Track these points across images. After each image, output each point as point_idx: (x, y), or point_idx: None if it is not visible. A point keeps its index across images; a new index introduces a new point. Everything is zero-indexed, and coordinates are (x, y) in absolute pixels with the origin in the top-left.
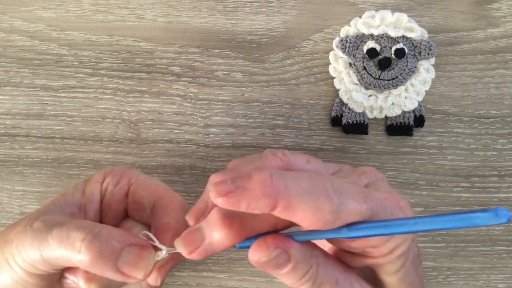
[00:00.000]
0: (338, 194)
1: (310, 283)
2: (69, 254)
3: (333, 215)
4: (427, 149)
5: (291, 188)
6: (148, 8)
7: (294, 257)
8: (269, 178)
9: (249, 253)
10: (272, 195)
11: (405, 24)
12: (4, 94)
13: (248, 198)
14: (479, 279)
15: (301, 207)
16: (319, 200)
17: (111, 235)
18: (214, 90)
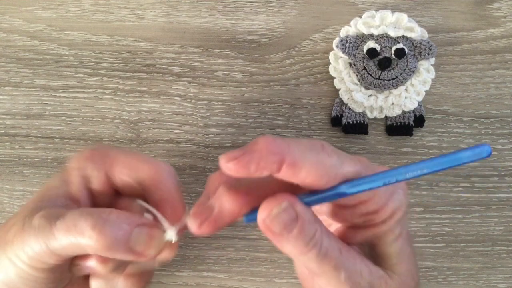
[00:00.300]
0: (335, 153)
1: (316, 249)
2: (79, 242)
3: (334, 169)
4: (427, 149)
5: (294, 147)
6: (148, 8)
7: (301, 216)
8: (273, 140)
9: (259, 212)
10: (278, 152)
11: (405, 24)
12: (4, 94)
13: (257, 158)
14: (479, 279)
15: (305, 162)
16: (320, 155)
17: (120, 218)
18: (214, 90)
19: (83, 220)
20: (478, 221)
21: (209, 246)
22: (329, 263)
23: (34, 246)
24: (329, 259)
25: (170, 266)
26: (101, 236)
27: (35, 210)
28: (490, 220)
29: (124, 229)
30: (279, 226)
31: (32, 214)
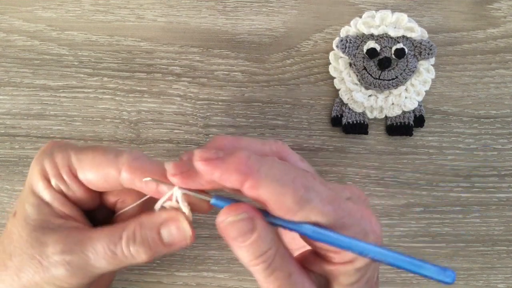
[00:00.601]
0: (305, 189)
1: (265, 265)
2: (122, 264)
3: (295, 206)
4: (427, 149)
5: (263, 172)
6: (148, 8)
7: (258, 230)
8: (247, 158)
9: (220, 213)
10: (244, 172)
11: (405, 24)
12: (4, 94)
13: (223, 169)
14: (479, 279)
15: (267, 190)
16: (285, 188)
17: (147, 230)
18: (214, 90)
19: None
20: (478, 221)
21: (209, 246)
22: (274, 283)
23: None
24: (274, 279)
25: (170, 266)
26: (141, 253)
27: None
28: (490, 220)
29: (154, 239)
30: (234, 233)
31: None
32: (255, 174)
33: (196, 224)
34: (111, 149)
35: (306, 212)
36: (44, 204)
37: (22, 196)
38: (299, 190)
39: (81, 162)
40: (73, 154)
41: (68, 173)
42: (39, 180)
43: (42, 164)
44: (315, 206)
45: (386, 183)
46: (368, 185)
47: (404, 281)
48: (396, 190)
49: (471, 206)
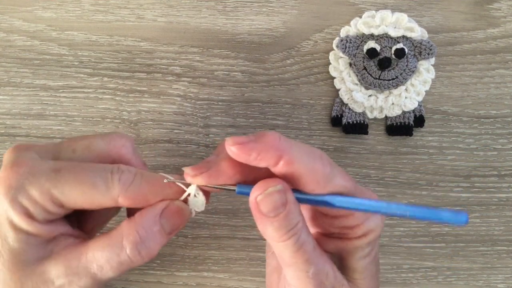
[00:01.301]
0: (330, 165)
1: (294, 239)
2: (128, 267)
3: (325, 179)
4: (427, 149)
5: (295, 148)
6: (148, 8)
7: (290, 204)
8: (278, 138)
9: (254, 189)
10: (280, 149)
11: (405, 24)
12: (4, 94)
13: (259, 149)
14: (479, 279)
15: (301, 165)
16: (316, 162)
17: (148, 229)
18: (214, 90)
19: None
20: (478, 221)
21: (209, 246)
22: (302, 256)
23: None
24: (303, 252)
25: (170, 266)
26: (150, 255)
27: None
28: (490, 220)
29: (157, 233)
30: (268, 207)
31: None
32: (289, 151)
33: (196, 224)
34: (97, 175)
35: (332, 185)
36: (30, 236)
37: (1, 234)
38: (327, 166)
39: (67, 197)
40: (53, 188)
41: (53, 205)
42: (19, 217)
43: (18, 202)
44: (340, 180)
45: (386, 183)
46: (368, 185)
47: (404, 281)
48: (396, 190)
49: (471, 206)
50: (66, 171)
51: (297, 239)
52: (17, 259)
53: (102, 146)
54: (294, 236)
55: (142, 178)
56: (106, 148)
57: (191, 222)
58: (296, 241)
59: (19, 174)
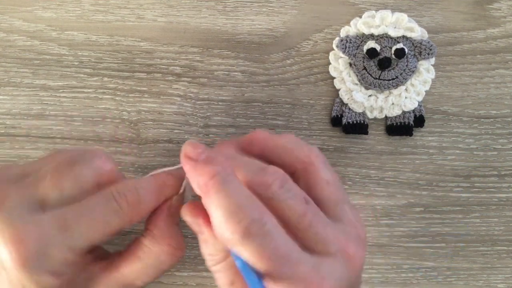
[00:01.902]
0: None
1: (210, 262)
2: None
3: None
4: (427, 149)
5: (218, 197)
6: (148, 8)
7: (206, 237)
8: (211, 176)
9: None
10: (201, 188)
11: (405, 24)
12: (4, 94)
13: (190, 172)
14: (479, 279)
15: (213, 214)
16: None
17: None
18: (214, 90)
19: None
20: (478, 221)
21: None
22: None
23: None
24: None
25: None
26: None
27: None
28: (490, 220)
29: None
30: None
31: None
32: (209, 194)
33: None
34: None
35: (242, 249)
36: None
37: None
38: (240, 231)
39: (86, 242)
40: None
41: (75, 255)
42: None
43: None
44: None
45: (386, 183)
46: (368, 185)
47: (404, 281)
48: (396, 190)
49: (471, 206)
50: (74, 222)
51: (212, 265)
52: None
53: (89, 176)
54: (209, 261)
55: (143, 189)
56: (94, 178)
57: None
58: (211, 266)
59: (30, 245)
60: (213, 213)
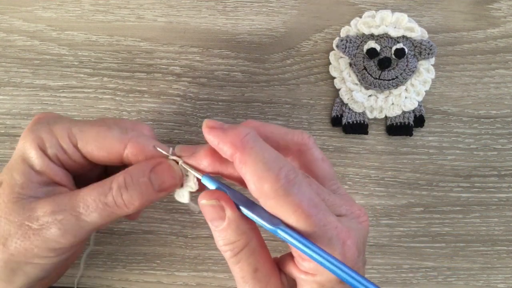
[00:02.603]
0: (288, 182)
1: (231, 253)
2: (113, 215)
3: (272, 192)
4: (427, 149)
5: (254, 151)
6: (148, 8)
7: (228, 221)
8: (244, 135)
9: (200, 196)
10: (236, 146)
11: (405, 24)
12: (4, 94)
13: (220, 139)
14: (479, 279)
15: (251, 168)
16: (268, 172)
17: (135, 177)
18: (214, 90)
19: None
20: (478, 221)
21: (209, 246)
22: (238, 272)
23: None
24: (239, 269)
25: (170, 266)
26: (134, 202)
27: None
28: (490, 220)
29: (143, 183)
30: (208, 216)
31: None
32: (246, 150)
33: (196, 224)
34: (114, 124)
35: (280, 204)
36: (34, 172)
37: (9, 165)
38: (281, 179)
39: (84, 134)
40: (73, 126)
41: (68, 143)
42: (32, 149)
43: (38, 133)
44: (291, 202)
45: (386, 183)
46: (368, 185)
47: (404, 281)
48: (396, 190)
49: (471, 206)
50: (86, 121)
51: (233, 255)
52: (14, 191)
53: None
54: (230, 251)
55: (151, 138)
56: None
57: (191, 222)
58: (232, 256)
59: (46, 115)
60: (251, 168)
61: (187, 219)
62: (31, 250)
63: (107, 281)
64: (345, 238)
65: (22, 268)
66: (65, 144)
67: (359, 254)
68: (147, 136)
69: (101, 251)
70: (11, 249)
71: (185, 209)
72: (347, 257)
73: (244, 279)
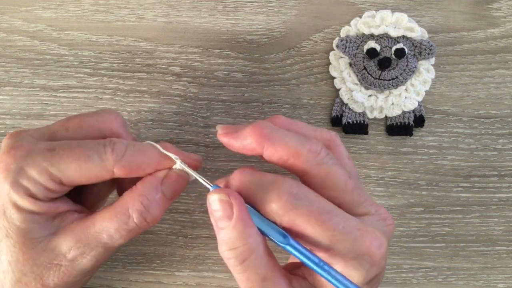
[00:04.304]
0: (294, 197)
1: (236, 260)
2: (137, 234)
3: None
4: (427, 149)
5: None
6: (148, 8)
7: (235, 219)
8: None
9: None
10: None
11: (405, 24)
12: (4, 94)
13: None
14: (479, 279)
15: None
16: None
17: (151, 197)
18: (214, 90)
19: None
20: (478, 221)
21: (209, 246)
22: (246, 282)
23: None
24: (246, 278)
25: (170, 266)
26: (155, 221)
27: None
28: (490, 220)
29: (159, 199)
30: (215, 214)
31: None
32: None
33: (196, 224)
34: (90, 149)
35: (292, 218)
36: (35, 215)
37: (2, 215)
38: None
39: (65, 173)
40: (48, 165)
41: (53, 183)
42: (22, 198)
43: (19, 184)
44: (301, 214)
45: (386, 183)
46: (368, 185)
47: (404, 281)
48: (396, 190)
49: (471, 206)
50: (61, 149)
51: (239, 262)
52: (26, 238)
53: (93, 122)
54: (235, 258)
55: (135, 148)
56: (97, 124)
57: (191, 222)
58: (239, 264)
59: (16, 157)
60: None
61: (187, 219)
62: (69, 281)
63: (107, 281)
64: (372, 239)
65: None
66: (51, 186)
67: (386, 257)
68: (129, 152)
69: None
70: (51, 286)
71: (185, 209)
72: (375, 257)
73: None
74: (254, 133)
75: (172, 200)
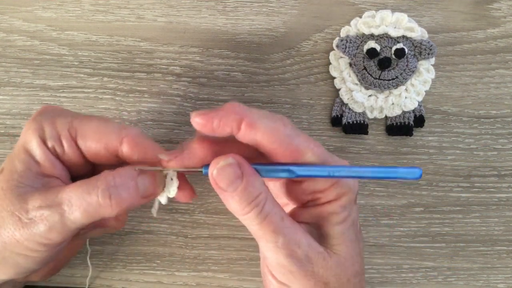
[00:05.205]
0: (292, 127)
1: (257, 209)
2: (96, 214)
3: (287, 137)
4: (427, 149)
5: (255, 112)
6: (148, 8)
7: (246, 176)
8: (238, 105)
9: (209, 167)
10: (239, 113)
11: (405, 24)
12: (4, 94)
13: (220, 116)
14: (479, 279)
15: (262, 126)
16: (276, 123)
17: (124, 178)
18: (214, 90)
19: (91, 193)
20: (478, 221)
21: (209, 246)
22: (268, 227)
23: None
24: (268, 223)
25: (170, 266)
26: (118, 202)
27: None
28: (490, 220)
29: (131, 186)
30: (225, 181)
31: (21, 207)
32: (249, 114)
33: (196, 224)
34: (114, 121)
35: (296, 146)
36: (34, 162)
37: (12, 154)
38: (287, 125)
39: (84, 128)
40: (75, 120)
41: (68, 137)
42: (34, 139)
43: (41, 124)
44: (303, 142)
45: (386, 183)
46: (368, 185)
47: (404, 281)
48: (396, 190)
49: (471, 206)
50: (83, 115)
51: (260, 210)
52: (13, 178)
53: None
54: (256, 208)
55: (148, 138)
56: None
57: (191, 222)
58: (259, 213)
59: (52, 107)
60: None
61: (187, 219)
62: (22, 243)
63: (107, 281)
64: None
65: (14, 258)
66: (64, 139)
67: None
68: (143, 136)
69: (101, 251)
70: (4, 237)
71: (185, 209)
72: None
73: (276, 231)
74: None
75: (142, 200)
